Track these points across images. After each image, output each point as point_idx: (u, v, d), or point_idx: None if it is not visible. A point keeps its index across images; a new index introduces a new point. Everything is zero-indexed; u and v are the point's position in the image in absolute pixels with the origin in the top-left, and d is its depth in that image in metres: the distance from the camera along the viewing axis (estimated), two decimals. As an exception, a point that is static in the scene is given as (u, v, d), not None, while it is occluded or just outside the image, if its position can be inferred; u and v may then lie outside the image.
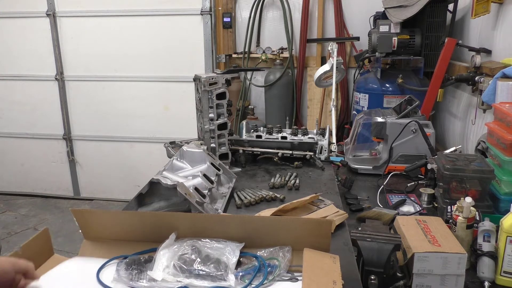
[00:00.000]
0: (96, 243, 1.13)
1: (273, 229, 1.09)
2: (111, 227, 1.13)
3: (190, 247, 1.03)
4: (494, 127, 1.64)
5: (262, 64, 4.04)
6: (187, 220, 1.11)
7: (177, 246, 1.03)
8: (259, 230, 1.09)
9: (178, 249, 1.02)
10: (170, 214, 1.17)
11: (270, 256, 1.04)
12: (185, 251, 1.01)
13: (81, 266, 1.07)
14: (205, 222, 1.11)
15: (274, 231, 1.08)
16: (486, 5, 2.29)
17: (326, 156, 2.10)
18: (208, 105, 1.93)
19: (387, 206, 1.77)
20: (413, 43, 3.04)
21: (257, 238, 1.08)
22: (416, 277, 1.21)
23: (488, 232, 1.32)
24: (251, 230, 1.09)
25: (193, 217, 1.19)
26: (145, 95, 4.30)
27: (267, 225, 1.10)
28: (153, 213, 1.25)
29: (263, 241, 1.08)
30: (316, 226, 1.03)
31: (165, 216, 1.15)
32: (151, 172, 1.58)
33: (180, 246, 1.03)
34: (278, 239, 1.07)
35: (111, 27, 4.17)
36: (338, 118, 4.04)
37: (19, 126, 4.60)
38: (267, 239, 1.08)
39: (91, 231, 1.13)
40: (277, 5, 4.07)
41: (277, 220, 1.19)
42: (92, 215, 1.13)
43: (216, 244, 1.04)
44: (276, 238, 1.07)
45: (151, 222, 1.11)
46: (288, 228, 1.08)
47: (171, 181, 1.41)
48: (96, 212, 1.15)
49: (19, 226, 4.12)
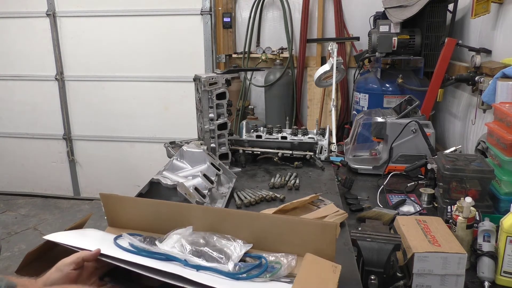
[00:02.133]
0: (120, 230, 1.17)
1: (280, 229, 1.10)
2: (135, 216, 1.17)
3: (201, 237, 1.08)
4: (494, 127, 1.64)
5: (262, 64, 4.04)
6: (201, 212, 1.15)
7: (190, 233, 1.09)
8: (266, 229, 1.10)
9: (189, 236, 1.08)
10: (187, 205, 1.23)
11: (275, 260, 1.05)
12: (195, 238, 1.07)
13: (101, 234, 1.15)
14: (218, 215, 1.15)
15: (282, 231, 1.09)
16: (486, 5, 2.29)
17: (326, 156, 2.10)
18: (208, 105, 1.93)
19: (387, 206, 1.77)
20: (413, 43, 3.04)
21: (264, 238, 1.10)
22: (416, 277, 1.21)
23: (488, 232, 1.32)
24: (259, 228, 1.10)
25: (206, 209, 1.24)
26: (145, 95, 4.30)
27: (275, 225, 1.11)
28: (171, 203, 1.28)
29: (270, 241, 1.09)
30: (320, 229, 1.03)
31: (182, 207, 1.19)
32: (151, 172, 1.58)
33: (193, 234, 1.09)
34: (284, 239, 1.08)
35: (111, 27, 4.17)
36: (338, 118, 4.04)
37: (19, 126, 4.60)
38: (274, 239, 1.09)
39: (116, 218, 1.18)
40: (277, 5, 4.07)
41: (286, 220, 1.17)
42: (119, 200, 1.18)
43: (225, 241, 1.08)
44: (283, 238, 1.08)
45: (169, 211, 1.16)
46: (296, 230, 1.08)
47: (171, 181, 1.41)
48: (123, 198, 1.19)
49: (19, 226, 4.12)
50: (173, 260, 0.99)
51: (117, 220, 1.18)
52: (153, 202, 1.21)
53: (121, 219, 1.17)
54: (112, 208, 1.17)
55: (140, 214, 1.17)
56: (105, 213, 1.17)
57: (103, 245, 1.01)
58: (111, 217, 1.18)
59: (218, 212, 1.22)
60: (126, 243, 1.05)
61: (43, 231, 4.02)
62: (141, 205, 1.19)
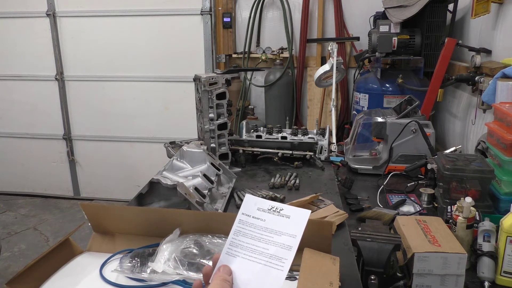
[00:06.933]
0: (104, 236, 1.16)
1: None
2: (118, 222, 1.15)
3: (192, 242, 1.05)
4: (494, 127, 1.64)
5: (262, 64, 4.04)
6: (190, 217, 1.13)
7: (180, 241, 1.06)
8: None
9: (180, 243, 1.04)
10: (174, 211, 1.19)
11: None
12: (187, 245, 1.04)
13: (88, 261, 1.11)
14: (208, 219, 1.12)
15: None
16: (486, 5, 2.29)
17: (326, 156, 2.10)
18: (208, 105, 1.93)
19: (387, 206, 1.77)
20: (413, 43, 3.04)
21: None
22: (416, 277, 1.21)
23: (488, 232, 1.32)
24: None
25: (196, 214, 1.21)
26: (145, 95, 4.30)
27: None
28: (158, 209, 1.27)
29: None
30: (317, 227, 1.04)
31: (169, 213, 1.16)
32: (151, 172, 1.58)
33: (183, 240, 1.06)
34: None
35: (111, 27, 4.17)
36: (338, 118, 4.04)
37: (19, 126, 4.60)
38: None
39: (100, 225, 1.16)
40: (277, 5, 4.07)
41: None
42: (100, 209, 1.16)
43: (217, 240, 1.06)
44: None
45: (156, 218, 1.13)
46: None
47: (171, 181, 1.41)
48: (104, 207, 1.18)
49: (19, 226, 4.13)
50: (170, 283, 0.97)
51: (102, 226, 1.16)
52: (137, 210, 1.19)
53: (106, 226, 1.16)
54: (95, 217, 1.15)
55: (125, 221, 1.15)
56: (89, 221, 1.16)
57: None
58: (96, 225, 1.16)
59: (210, 215, 1.21)
60: (115, 276, 1.01)
61: (43, 231, 4.03)
62: (125, 213, 1.18)
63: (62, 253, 1.09)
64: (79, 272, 1.05)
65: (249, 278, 0.74)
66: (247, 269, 0.74)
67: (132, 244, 1.11)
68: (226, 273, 0.74)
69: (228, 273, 0.75)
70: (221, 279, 0.73)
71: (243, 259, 0.75)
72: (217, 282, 0.73)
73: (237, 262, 0.75)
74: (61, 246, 1.09)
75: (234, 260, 0.75)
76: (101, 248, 1.14)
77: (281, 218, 0.79)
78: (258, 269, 0.74)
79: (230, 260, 0.76)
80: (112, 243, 1.14)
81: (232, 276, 0.75)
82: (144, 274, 0.99)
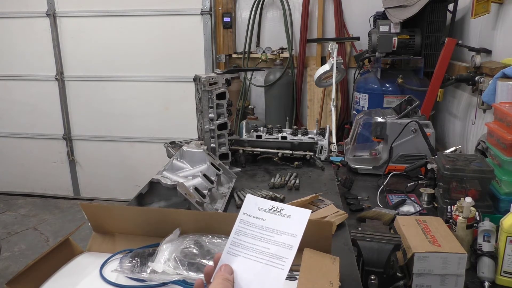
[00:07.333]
0: (104, 236, 1.16)
1: None
2: (118, 222, 1.15)
3: (192, 242, 1.05)
4: (494, 127, 1.64)
5: (262, 64, 4.04)
6: (190, 217, 1.13)
7: (180, 241, 1.06)
8: None
9: (180, 243, 1.04)
10: (174, 211, 1.19)
11: None
12: (187, 245, 1.04)
13: (88, 261, 1.10)
14: (208, 219, 1.12)
15: None
16: (486, 5, 2.29)
17: (326, 156, 2.10)
18: (208, 105, 1.93)
19: (387, 206, 1.77)
20: (413, 43, 3.04)
21: None
22: (416, 277, 1.21)
23: (488, 232, 1.32)
24: None
25: (196, 214, 1.21)
26: (145, 95, 4.30)
27: None
28: (158, 209, 1.27)
29: None
30: (317, 227, 1.04)
31: (169, 213, 1.16)
32: (151, 172, 1.58)
33: (183, 240, 1.06)
34: None
35: (111, 27, 4.17)
36: (338, 118, 4.04)
37: (19, 126, 4.60)
38: None
39: (100, 225, 1.16)
40: (277, 5, 4.07)
41: None
42: (100, 209, 1.16)
43: (217, 240, 1.06)
44: None
45: (156, 218, 1.13)
46: None
47: (171, 181, 1.41)
48: (104, 207, 1.18)
49: (19, 226, 4.13)
50: (170, 283, 0.97)
51: (102, 227, 1.16)
52: (137, 210, 1.19)
53: (106, 226, 1.16)
54: (95, 217, 1.15)
55: (125, 221, 1.15)
56: (89, 221, 1.16)
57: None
58: (96, 225, 1.16)
59: (210, 215, 1.21)
60: (115, 276, 1.01)
61: (43, 231, 4.03)
62: (125, 213, 1.18)
63: (62, 253, 1.09)
64: (79, 272, 1.05)
65: (250, 277, 0.74)
66: (248, 268, 0.74)
67: (132, 244, 1.11)
68: (228, 272, 0.74)
69: (230, 272, 0.75)
70: (223, 278, 0.73)
71: (244, 258, 0.75)
72: (219, 281, 0.72)
73: (238, 261, 0.75)
74: (61, 246, 1.09)
75: (235, 260, 0.76)
76: (101, 248, 1.13)
77: (281, 217, 0.79)
78: (259, 268, 0.74)
79: (231, 260, 0.76)
80: (112, 243, 1.14)
81: (233, 275, 0.75)
82: (144, 274, 0.99)
